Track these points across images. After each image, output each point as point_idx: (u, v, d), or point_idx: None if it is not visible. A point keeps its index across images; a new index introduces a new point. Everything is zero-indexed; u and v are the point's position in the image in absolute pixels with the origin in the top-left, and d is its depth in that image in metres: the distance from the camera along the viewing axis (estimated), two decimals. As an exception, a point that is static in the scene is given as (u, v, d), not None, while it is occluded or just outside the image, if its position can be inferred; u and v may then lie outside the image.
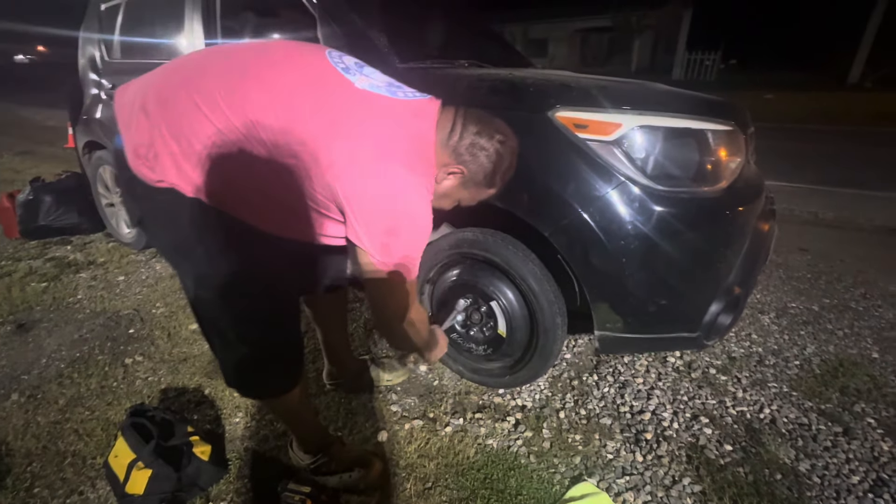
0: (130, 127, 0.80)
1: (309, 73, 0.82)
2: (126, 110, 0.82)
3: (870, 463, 1.22)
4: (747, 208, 1.21)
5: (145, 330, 1.84)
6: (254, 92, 0.77)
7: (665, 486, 1.17)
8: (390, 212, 0.80)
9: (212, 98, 0.75)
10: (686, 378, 1.56)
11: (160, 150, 0.77)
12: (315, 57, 0.86)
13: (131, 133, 0.79)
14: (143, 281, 2.27)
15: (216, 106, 0.75)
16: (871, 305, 2.04)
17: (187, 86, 0.78)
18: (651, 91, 1.28)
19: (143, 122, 0.78)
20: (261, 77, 0.79)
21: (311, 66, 0.83)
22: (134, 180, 0.81)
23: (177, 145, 0.76)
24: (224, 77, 0.78)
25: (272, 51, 0.88)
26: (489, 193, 0.97)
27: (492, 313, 1.38)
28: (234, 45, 0.96)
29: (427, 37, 1.95)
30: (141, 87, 0.82)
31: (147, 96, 0.80)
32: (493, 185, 0.94)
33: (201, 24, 1.87)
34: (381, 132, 0.80)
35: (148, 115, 0.78)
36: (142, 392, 1.50)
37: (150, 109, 0.78)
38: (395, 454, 1.25)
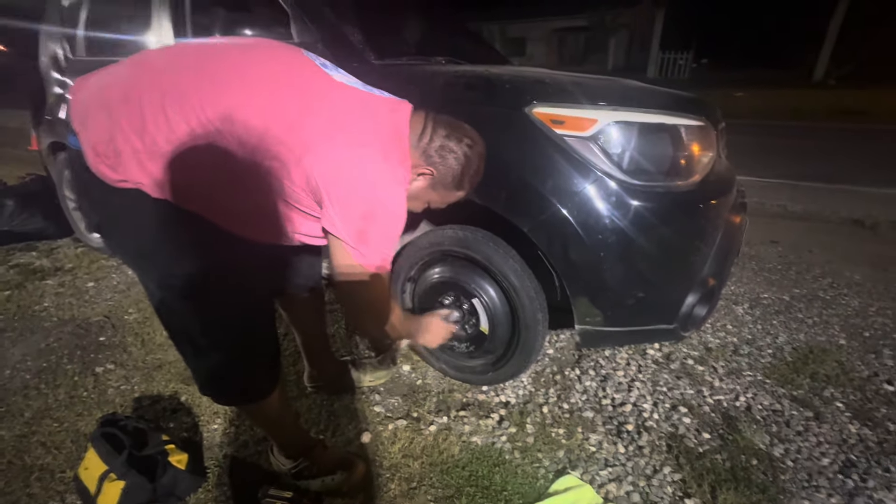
0: (87, 124, 0.76)
1: (286, 66, 0.81)
2: (82, 107, 0.78)
3: (839, 445, 1.27)
4: (719, 202, 1.24)
5: (117, 337, 1.78)
6: (229, 86, 0.75)
7: (646, 475, 1.19)
8: (366, 197, 0.80)
9: (181, 94, 0.73)
10: (665, 369, 1.59)
11: (122, 148, 0.73)
12: (291, 53, 0.85)
13: (88, 131, 0.76)
14: (114, 286, 2.19)
15: (186, 102, 0.72)
16: (837, 294, 2.12)
17: (154, 82, 0.75)
18: (625, 87, 1.30)
19: (102, 119, 0.74)
20: (234, 71, 0.77)
21: (288, 60, 0.83)
22: (92, 181, 0.77)
23: (141, 143, 0.73)
24: (195, 73, 0.76)
25: (246, 45, 0.87)
26: (458, 196, 0.99)
27: (474, 310, 1.38)
28: (204, 41, 0.93)
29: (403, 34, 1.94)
30: (100, 83, 0.78)
31: (107, 92, 0.76)
32: (462, 188, 0.96)
33: (170, 21, 1.81)
34: (359, 120, 0.81)
35: (109, 112, 0.74)
36: (114, 401, 1.44)
37: (112, 106, 0.74)
38: (378, 455, 1.24)
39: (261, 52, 0.84)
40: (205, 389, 0.99)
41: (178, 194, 0.76)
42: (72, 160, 0.82)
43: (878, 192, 3.69)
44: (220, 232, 0.81)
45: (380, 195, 0.81)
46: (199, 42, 0.96)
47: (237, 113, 0.73)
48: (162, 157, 0.74)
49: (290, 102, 0.76)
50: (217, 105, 0.73)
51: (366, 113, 0.82)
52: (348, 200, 0.79)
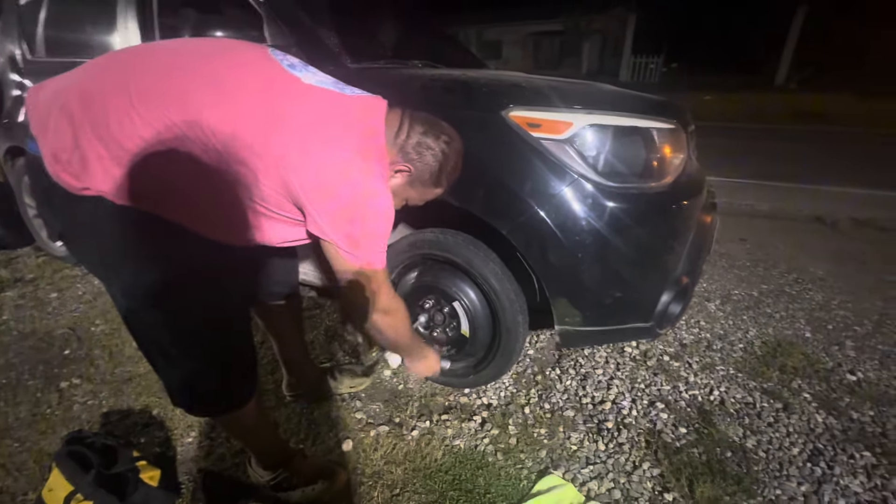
0: (48, 130, 0.72)
1: (253, 71, 0.79)
2: (41, 112, 0.74)
3: (807, 434, 1.32)
4: (691, 202, 1.28)
5: (83, 350, 1.70)
6: (196, 90, 0.72)
7: (626, 472, 1.21)
8: (350, 199, 0.79)
9: (147, 97, 0.70)
10: (642, 366, 1.62)
11: (87, 155, 0.70)
12: (258, 55, 0.83)
13: (49, 137, 0.72)
14: (79, 297, 2.10)
15: (152, 105, 0.70)
16: (802, 289, 2.21)
17: (118, 85, 0.72)
18: (599, 91, 1.33)
19: (63, 125, 0.71)
20: (202, 74, 0.74)
21: (255, 63, 0.80)
22: (54, 189, 0.73)
23: (105, 149, 0.70)
24: (160, 75, 0.73)
25: (211, 47, 0.84)
26: (436, 193, 0.99)
27: (454, 314, 1.38)
28: (168, 42, 0.90)
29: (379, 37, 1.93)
30: (60, 87, 0.75)
31: (69, 96, 0.73)
32: (440, 185, 0.96)
33: (136, 22, 1.75)
34: (333, 123, 0.79)
35: (71, 117, 0.71)
36: (80, 417, 1.38)
37: (74, 110, 0.71)
38: (360, 462, 1.22)
39: (228, 54, 0.81)
40: (178, 401, 0.96)
41: (146, 200, 0.74)
42: (31, 166, 0.78)
43: (838, 191, 3.88)
44: (189, 236, 0.78)
45: (364, 196, 0.80)
46: (165, 43, 0.93)
47: (204, 118, 0.71)
48: (128, 163, 0.71)
49: (259, 109, 0.74)
50: (184, 111, 0.71)
51: (339, 115, 0.81)
52: (334, 206, 0.78)
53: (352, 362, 1.61)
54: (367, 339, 1.43)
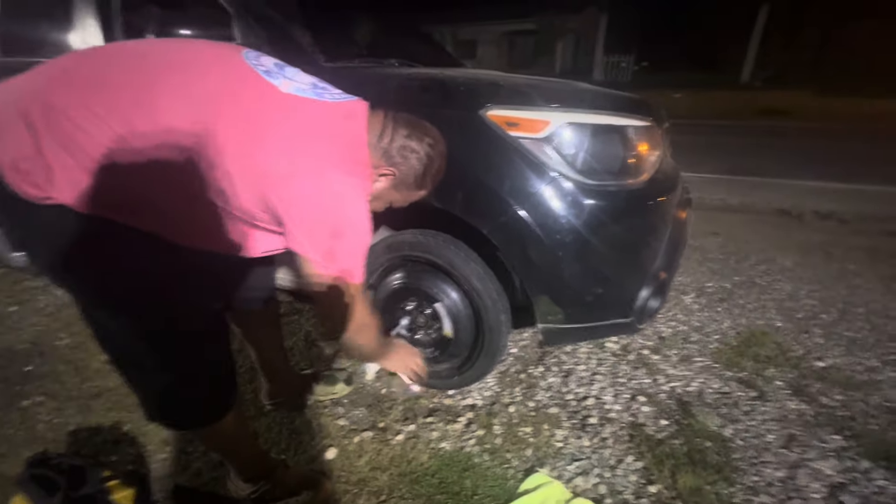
0: (4, 138, 0.68)
1: (227, 79, 0.75)
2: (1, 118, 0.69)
3: (781, 421, 1.36)
4: (667, 198, 1.30)
5: (46, 366, 1.62)
6: (165, 97, 0.69)
7: (611, 466, 1.22)
8: (331, 216, 0.78)
9: (116, 104, 0.67)
10: (623, 361, 1.65)
11: (52, 164, 0.66)
12: (233, 60, 0.79)
13: (6, 145, 0.68)
14: (41, 310, 1.99)
15: (119, 113, 0.67)
16: (772, 280, 2.29)
17: (82, 89, 0.68)
18: (576, 90, 1.33)
19: (23, 133, 0.66)
20: (172, 80, 0.71)
21: (230, 70, 0.77)
22: (11, 198, 0.69)
23: (71, 158, 0.66)
24: (127, 79, 0.69)
25: (182, 50, 0.80)
26: (420, 195, 0.98)
27: (437, 315, 1.36)
28: (135, 44, 0.85)
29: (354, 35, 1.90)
30: (16, 91, 0.70)
31: (27, 102, 0.68)
32: (424, 187, 0.96)
33: (96, 20, 1.67)
34: (312, 138, 0.77)
35: (30, 124, 0.66)
36: (45, 437, 1.31)
37: (34, 118, 0.66)
38: (344, 470, 1.20)
39: (200, 58, 0.77)
40: (153, 416, 0.92)
41: (115, 209, 0.70)
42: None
43: (802, 184, 4.04)
44: (160, 243, 0.75)
45: (345, 211, 0.79)
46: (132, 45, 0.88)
47: (175, 128, 0.68)
48: (97, 172, 0.67)
49: (235, 122, 0.71)
50: (153, 120, 0.67)
51: (318, 127, 0.78)
52: (313, 222, 0.77)
53: (333, 368, 1.58)
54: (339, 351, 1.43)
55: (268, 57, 0.86)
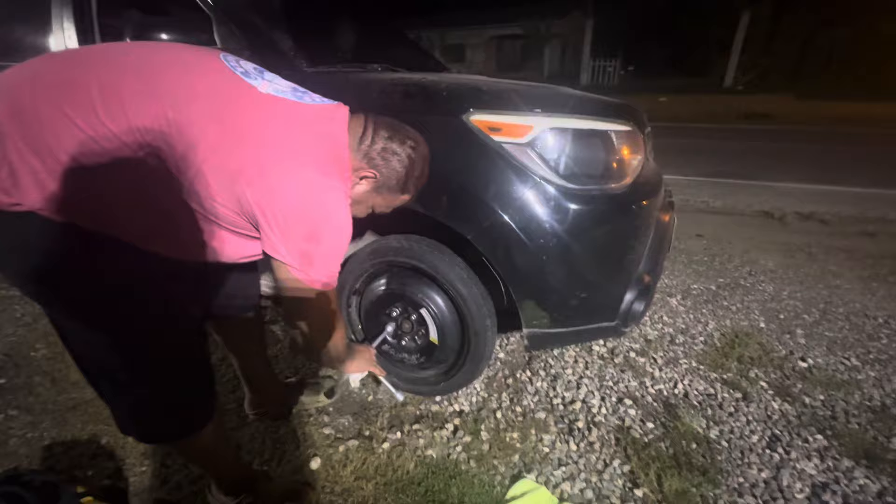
0: None
1: (206, 79, 0.74)
2: None
3: (765, 422, 1.37)
4: (650, 202, 1.31)
5: (20, 378, 1.57)
6: (136, 97, 0.67)
7: (598, 470, 1.22)
8: (308, 217, 0.77)
9: (86, 105, 0.65)
10: (610, 364, 1.65)
11: (17, 168, 0.64)
12: (210, 61, 0.78)
13: None
14: (16, 320, 1.94)
15: (93, 116, 0.65)
16: (756, 281, 2.32)
17: (53, 93, 0.66)
18: (558, 94, 1.34)
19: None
20: (147, 80, 0.69)
21: (207, 71, 0.75)
22: None
23: (39, 161, 0.64)
24: (100, 81, 0.67)
25: (159, 53, 0.78)
26: (403, 199, 0.97)
27: (422, 321, 1.35)
28: (110, 46, 0.84)
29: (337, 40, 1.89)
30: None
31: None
32: (407, 191, 0.94)
33: (73, 23, 1.63)
34: (290, 137, 0.76)
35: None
36: (17, 452, 1.26)
37: (1, 121, 0.64)
38: (329, 481, 1.18)
39: (176, 60, 0.76)
40: (127, 429, 0.90)
41: (86, 215, 0.68)
42: None
43: (784, 187, 4.12)
44: (134, 251, 0.73)
45: (322, 214, 0.78)
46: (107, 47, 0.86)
47: (150, 131, 0.66)
48: (66, 177, 0.65)
49: (212, 123, 0.70)
50: (127, 122, 0.65)
51: (297, 128, 0.77)
52: (289, 223, 0.76)
53: (318, 376, 1.56)
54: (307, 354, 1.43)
55: (247, 61, 0.85)
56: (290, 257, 0.78)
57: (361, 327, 1.49)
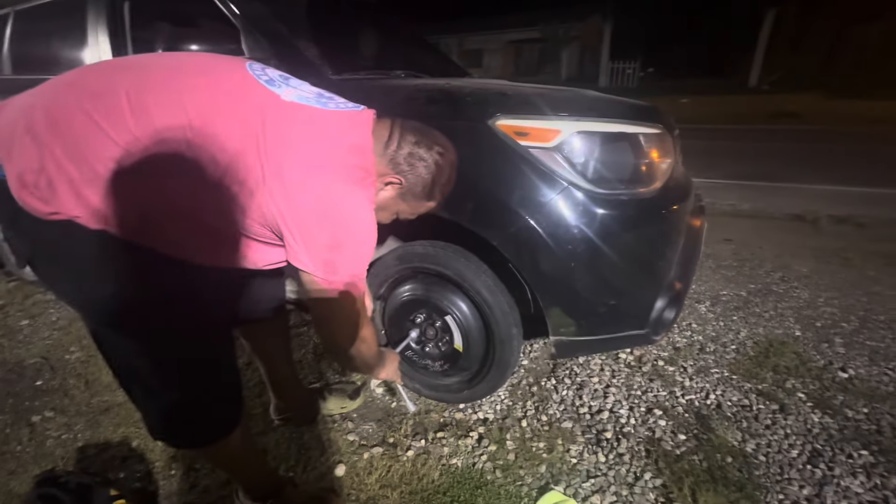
0: (12, 153, 0.68)
1: (229, 88, 0.75)
2: (4, 133, 0.69)
3: (805, 435, 1.31)
4: (681, 206, 1.27)
5: (56, 380, 1.62)
6: (164, 108, 0.68)
7: (628, 483, 1.18)
8: (330, 225, 0.76)
9: (117, 116, 0.66)
10: (638, 373, 1.61)
11: (55, 177, 0.66)
12: (235, 70, 0.79)
13: (13, 160, 0.67)
14: (52, 323, 2.00)
15: (123, 125, 0.66)
16: (789, 287, 2.23)
17: (85, 103, 0.68)
18: (585, 97, 1.32)
19: (29, 147, 0.66)
20: (175, 91, 0.70)
21: (231, 79, 0.76)
22: (20, 213, 0.69)
23: (76, 170, 0.66)
24: (129, 91, 0.69)
25: (186, 62, 0.80)
26: (428, 206, 0.95)
27: (447, 328, 1.34)
28: (140, 57, 0.86)
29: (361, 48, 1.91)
30: (22, 107, 0.70)
31: (32, 116, 0.68)
32: (433, 198, 0.92)
33: (107, 36, 1.69)
34: (313, 144, 0.75)
35: (35, 137, 0.66)
36: (53, 454, 1.30)
37: (39, 131, 0.66)
38: (354, 488, 1.17)
39: (202, 69, 0.77)
40: (157, 434, 0.91)
41: (121, 224, 0.69)
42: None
43: (816, 189, 3.97)
44: (166, 259, 0.74)
45: (345, 221, 0.77)
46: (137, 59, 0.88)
47: (176, 141, 0.67)
48: (101, 185, 0.67)
49: (234, 132, 0.70)
50: (154, 133, 0.67)
51: (320, 136, 0.77)
52: (311, 232, 0.75)
53: (342, 381, 1.56)
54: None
55: (274, 69, 0.86)
56: (314, 266, 0.77)
57: (385, 332, 1.49)
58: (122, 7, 1.69)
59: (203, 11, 1.61)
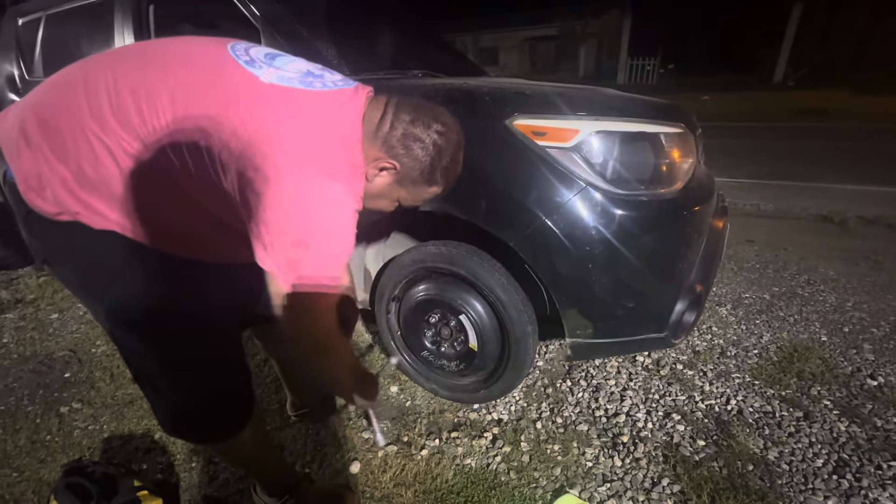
0: (13, 157, 0.69)
1: (208, 76, 0.69)
2: (8, 137, 0.70)
3: (830, 444, 1.27)
4: (702, 207, 1.24)
5: (84, 373, 1.67)
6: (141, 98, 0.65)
7: (645, 489, 1.16)
8: (296, 222, 0.68)
9: (97, 111, 0.65)
10: (656, 376, 1.58)
11: (50, 178, 0.67)
12: (215, 54, 0.72)
13: (17, 164, 0.69)
14: (80, 317, 2.07)
15: (105, 123, 0.64)
16: (815, 290, 2.16)
17: (67, 101, 0.67)
18: (604, 96, 1.30)
19: (24, 150, 0.68)
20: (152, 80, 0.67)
21: (211, 66, 0.70)
22: (31, 215, 0.71)
23: (66, 170, 0.66)
24: (110, 88, 0.66)
25: (166, 51, 0.73)
26: (432, 192, 0.84)
27: (462, 327, 1.34)
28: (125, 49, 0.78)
29: (377, 47, 1.91)
30: (19, 110, 0.70)
31: (25, 119, 0.68)
32: (434, 183, 0.81)
33: (133, 37, 1.74)
34: (284, 132, 0.67)
35: (28, 140, 0.67)
36: (80, 444, 1.34)
37: (30, 133, 0.67)
38: (369, 486, 1.18)
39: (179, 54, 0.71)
40: (168, 430, 0.91)
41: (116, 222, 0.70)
42: (11, 193, 0.74)
43: (844, 189, 3.84)
44: (170, 258, 0.75)
45: (311, 218, 0.69)
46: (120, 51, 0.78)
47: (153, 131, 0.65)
48: (92, 185, 0.67)
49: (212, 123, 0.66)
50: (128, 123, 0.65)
51: (296, 121, 0.69)
52: (275, 229, 0.67)
53: (357, 379, 1.57)
54: None
55: (260, 48, 0.78)
56: (274, 264, 0.69)
57: (401, 334, 1.49)
58: (148, 10, 1.74)
59: (224, 13, 1.64)
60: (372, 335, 1.85)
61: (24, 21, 2.21)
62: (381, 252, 1.50)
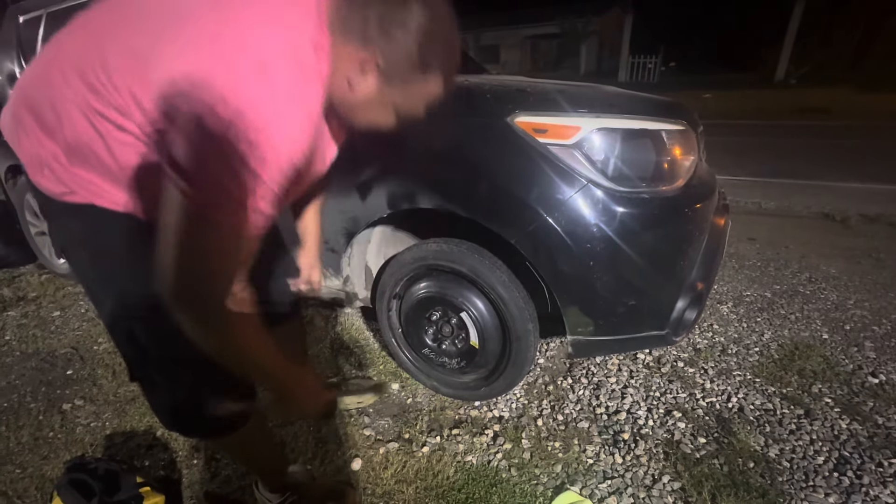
0: (15, 144, 0.69)
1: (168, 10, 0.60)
2: (8, 128, 0.71)
3: (832, 442, 1.27)
4: (704, 205, 1.24)
5: (86, 370, 1.67)
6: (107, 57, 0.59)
7: (646, 486, 1.16)
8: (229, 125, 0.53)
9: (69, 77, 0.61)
10: (657, 373, 1.58)
11: (45, 157, 0.66)
12: None
13: (19, 149, 0.69)
14: (82, 315, 2.08)
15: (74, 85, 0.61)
16: (816, 288, 2.16)
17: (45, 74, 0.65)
18: (606, 94, 1.30)
19: (21, 134, 0.67)
20: (116, 33, 0.61)
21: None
22: (46, 201, 0.70)
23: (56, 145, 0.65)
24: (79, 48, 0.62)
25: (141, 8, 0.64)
26: (430, 88, 0.67)
27: (463, 325, 1.34)
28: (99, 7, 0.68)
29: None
30: (12, 98, 0.70)
31: (16, 104, 0.68)
32: (428, 70, 0.64)
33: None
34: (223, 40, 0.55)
35: (22, 123, 0.67)
36: (83, 441, 1.35)
37: (22, 116, 0.67)
38: (370, 482, 1.18)
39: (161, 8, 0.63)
40: (167, 424, 0.90)
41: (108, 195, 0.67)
42: (28, 184, 0.74)
43: (845, 187, 3.83)
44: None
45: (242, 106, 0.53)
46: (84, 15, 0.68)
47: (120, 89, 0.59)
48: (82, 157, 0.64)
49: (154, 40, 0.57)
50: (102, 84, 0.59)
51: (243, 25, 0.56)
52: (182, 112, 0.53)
53: (359, 376, 1.58)
54: None
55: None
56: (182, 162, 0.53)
57: (402, 331, 1.50)
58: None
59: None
60: (373, 332, 1.86)
61: (25, 19, 2.21)
62: (383, 250, 1.50)
